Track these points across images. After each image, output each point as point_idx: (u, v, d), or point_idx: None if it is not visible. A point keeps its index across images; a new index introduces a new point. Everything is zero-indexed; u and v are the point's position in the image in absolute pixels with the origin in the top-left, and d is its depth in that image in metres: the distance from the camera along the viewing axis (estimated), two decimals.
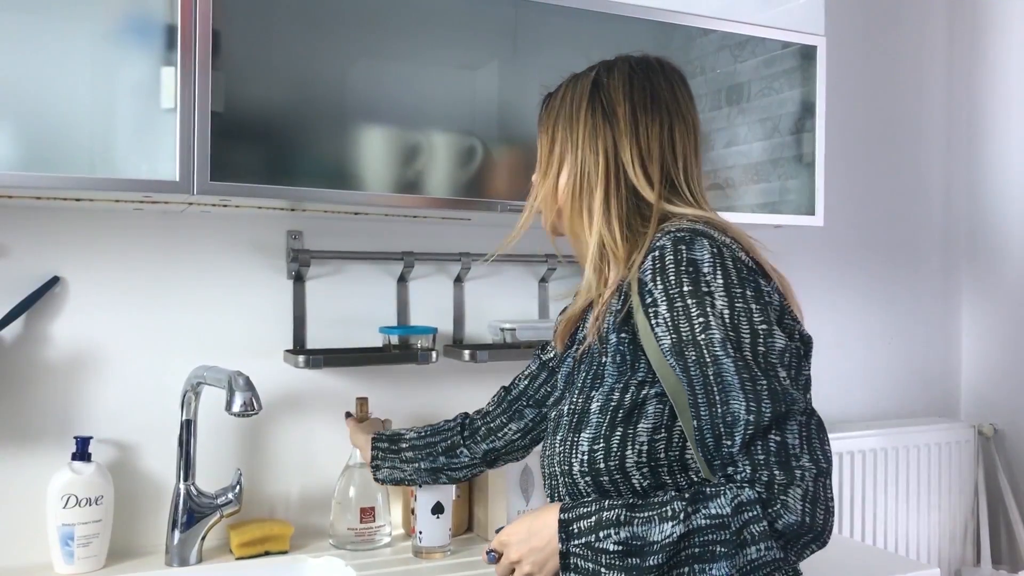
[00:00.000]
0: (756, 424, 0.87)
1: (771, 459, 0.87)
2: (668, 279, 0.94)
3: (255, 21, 1.38)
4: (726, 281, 0.93)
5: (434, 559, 1.54)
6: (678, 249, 0.94)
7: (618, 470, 0.96)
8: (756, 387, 0.88)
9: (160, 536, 1.52)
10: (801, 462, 0.87)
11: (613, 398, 0.98)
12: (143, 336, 1.56)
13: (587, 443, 0.98)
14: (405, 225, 1.75)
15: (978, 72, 2.47)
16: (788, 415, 0.88)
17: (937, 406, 2.49)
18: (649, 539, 0.89)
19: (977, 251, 2.48)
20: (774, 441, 0.87)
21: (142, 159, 1.30)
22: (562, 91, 1.14)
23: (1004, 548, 2.38)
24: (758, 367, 0.89)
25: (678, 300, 0.93)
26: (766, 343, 0.91)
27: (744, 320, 0.91)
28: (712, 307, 0.91)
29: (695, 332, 0.91)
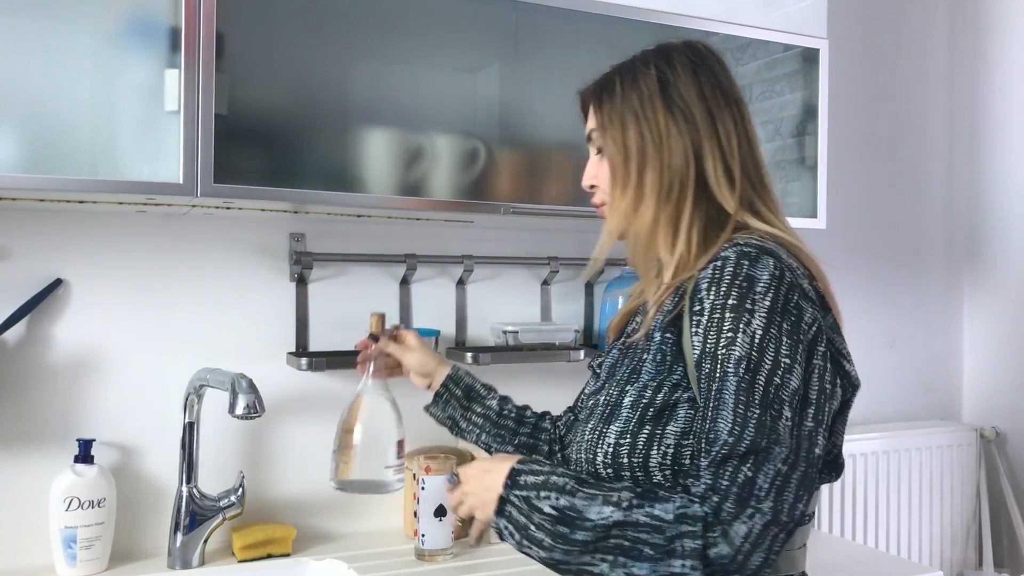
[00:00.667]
0: (731, 448, 0.86)
1: (732, 488, 0.86)
2: (720, 290, 0.93)
3: (259, 23, 1.38)
4: (772, 305, 0.91)
5: (436, 561, 1.54)
6: (740, 263, 0.93)
7: (640, 468, 0.95)
8: (747, 413, 0.87)
9: (162, 539, 1.52)
10: (760, 505, 0.86)
11: (645, 395, 0.97)
12: (146, 338, 1.56)
13: (614, 436, 0.97)
14: (408, 227, 1.75)
15: (980, 75, 2.48)
16: (768, 455, 0.86)
17: (939, 409, 2.49)
18: (585, 515, 0.90)
19: (979, 254, 2.48)
20: (744, 475, 0.86)
21: (145, 161, 1.30)
22: (621, 91, 1.06)
23: (1006, 551, 2.37)
24: (760, 396, 0.88)
25: (718, 311, 0.92)
26: (782, 378, 0.89)
27: (771, 348, 0.90)
28: (747, 325, 0.90)
29: (718, 345, 0.91)
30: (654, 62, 1.05)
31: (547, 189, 1.60)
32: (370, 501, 1.72)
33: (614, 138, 1.05)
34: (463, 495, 1.04)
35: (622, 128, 1.04)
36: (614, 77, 1.07)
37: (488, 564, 1.54)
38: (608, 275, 1.93)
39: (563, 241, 1.91)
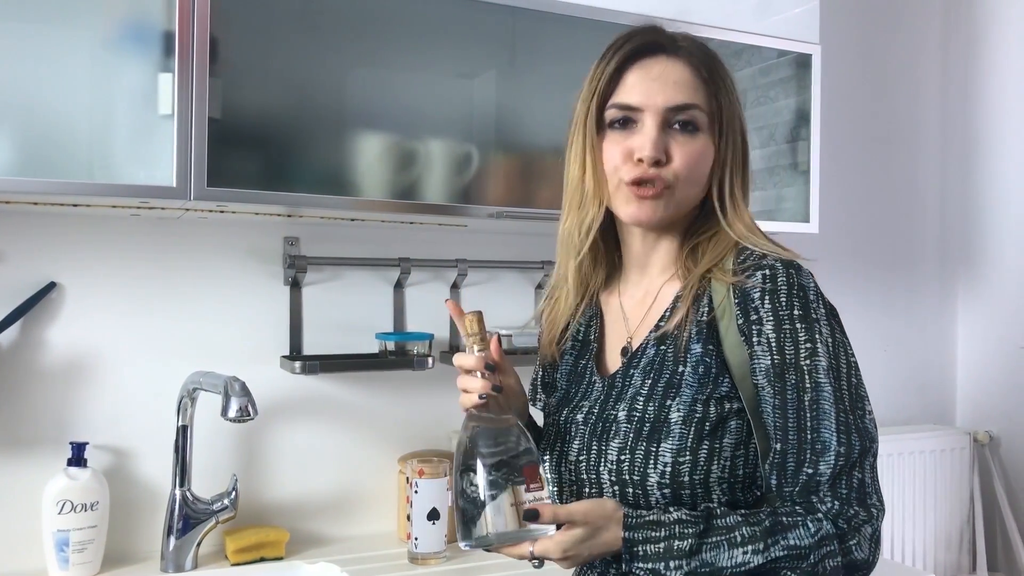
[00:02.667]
0: (847, 457, 0.89)
1: (852, 495, 0.89)
2: (779, 300, 0.93)
3: (253, 28, 1.38)
4: (826, 312, 0.95)
5: (429, 565, 1.54)
6: (789, 273, 0.94)
7: (702, 484, 0.93)
8: (848, 420, 0.90)
9: (156, 542, 1.52)
10: (873, 500, 0.91)
11: (697, 410, 0.94)
12: (140, 342, 1.56)
13: (670, 455, 0.93)
14: (402, 231, 1.75)
15: (973, 80, 2.49)
16: (869, 453, 0.91)
17: (933, 413, 2.50)
18: (718, 564, 0.88)
19: (972, 258, 2.49)
20: (856, 478, 0.90)
21: (139, 165, 1.31)
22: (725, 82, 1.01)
23: (1000, 555, 2.38)
24: (851, 400, 0.92)
25: (787, 323, 0.92)
26: (857, 377, 0.94)
27: (843, 352, 0.93)
28: (820, 334, 0.92)
29: (800, 356, 0.91)
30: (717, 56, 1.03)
31: (540, 193, 1.60)
32: (363, 504, 1.73)
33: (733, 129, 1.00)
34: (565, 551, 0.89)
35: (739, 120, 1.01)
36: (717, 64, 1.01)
37: (481, 568, 1.54)
38: None
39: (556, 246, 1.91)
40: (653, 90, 0.97)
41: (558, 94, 1.63)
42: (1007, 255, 2.40)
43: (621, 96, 0.98)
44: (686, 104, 0.97)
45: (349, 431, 1.72)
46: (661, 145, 0.96)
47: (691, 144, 0.97)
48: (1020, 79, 2.38)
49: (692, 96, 0.97)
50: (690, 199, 1.00)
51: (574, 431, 1.01)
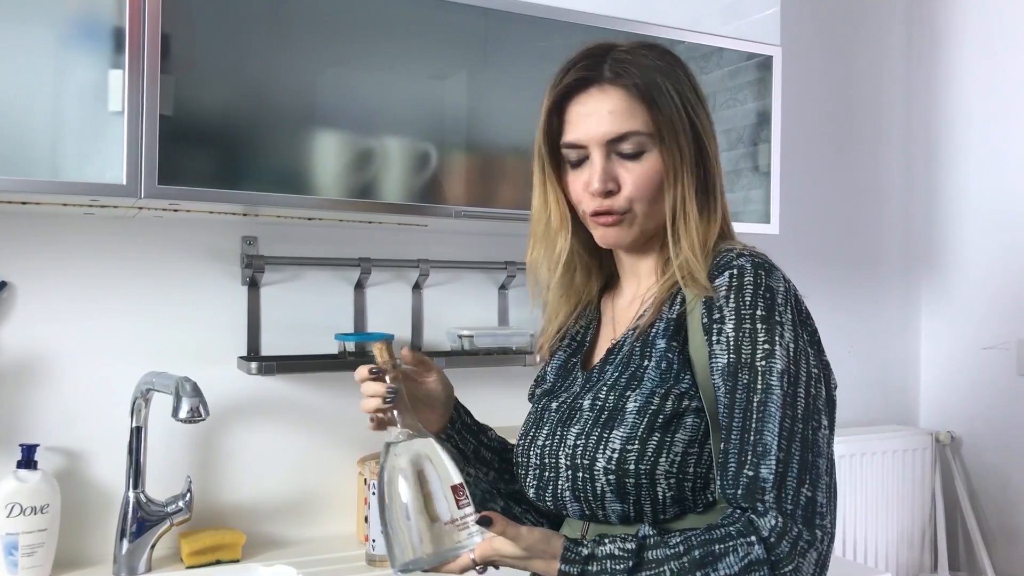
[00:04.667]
0: (786, 464, 0.86)
1: (798, 512, 0.86)
2: (743, 299, 0.92)
3: (207, 25, 1.37)
4: (794, 317, 0.92)
5: (387, 567, 1.52)
6: (758, 273, 0.93)
7: (647, 475, 0.92)
8: (794, 428, 0.88)
9: (108, 545, 1.50)
10: (824, 522, 0.87)
11: (653, 402, 0.94)
12: (93, 342, 1.54)
13: (620, 441, 0.93)
14: (362, 231, 1.74)
15: (935, 81, 2.51)
16: (817, 469, 0.87)
17: (897, 413, 2.52)
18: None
19: (936, 260, 2.51)
20: (804, 495, 0.86)
21: (89, 162, 1.29)
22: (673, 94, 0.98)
23: (961, 554, 2.40)
24: (804, 409, 0.89)
25: (747, 322, 0.91)
26: (816, 388, 0.91)
27: (804, 360, 0.91)
28: (781, 337, 0.90)
29: (756, 357, 0.90)
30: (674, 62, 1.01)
31: (501, 193, 1.60)
32: (322, 505, 1.71)
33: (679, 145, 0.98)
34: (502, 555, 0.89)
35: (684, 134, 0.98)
36: (654, 74, 0.99)
37: None
38: None
39: (520, 246, 1.88)
40: (590, 125, 0.99)
41: (529, 95, 1.63)
42: (970, 257, 2.43)
43: (567, 135, 1.01)
44: (622, 134, 0.98)
45: (308, 432, 1.71)
46: (607, 177, 0.98)
47: (638, 168, 0.99)
48: (982, 81, 2.40)
49: (627, 123, 0.98)
50: (656, 213, 1.00)
51: (546, 418, 1.04)
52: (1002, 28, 2.35)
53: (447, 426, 1.11)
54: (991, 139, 2.38)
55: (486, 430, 1.16)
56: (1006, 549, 2.31)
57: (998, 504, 2.34)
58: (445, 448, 0.95)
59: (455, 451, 1.10)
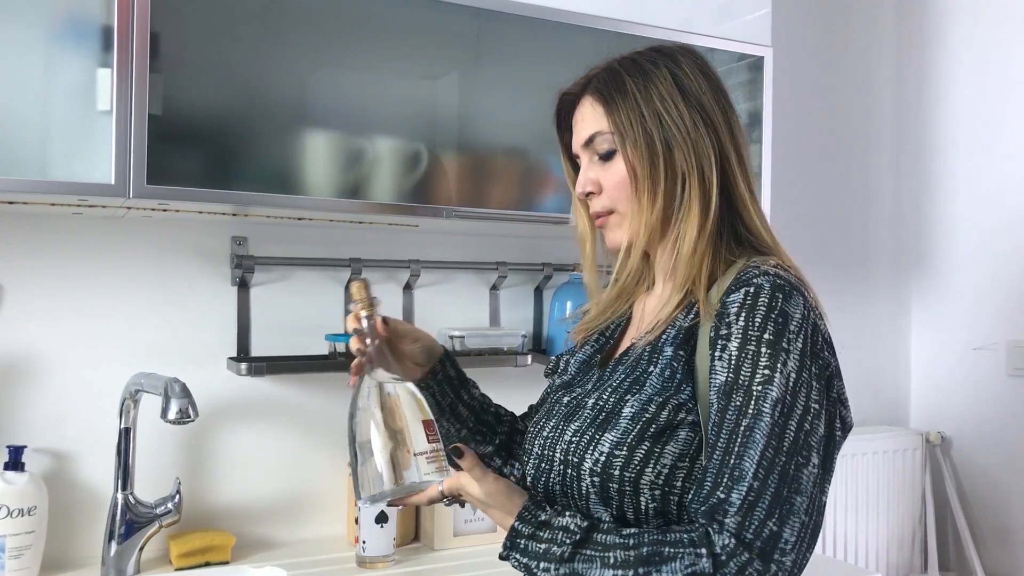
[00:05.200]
0: (759, 494, 0.84)
1: (756, 543, 0.83)
2: (754, 320, 0.89)
3: (196, 24, 1.36)
4: (804, 348, 0.89)
5: (377, 569, 1.52)
6: (775, 296, 0.89)
7: (631, 483, 0.91)
8: (776, 459, 0.85)
9: (96, 547, 1.49)
10: (783, 559, 0.83)
11: (649, 410, 0.93)
12: (82, 343, 1.53)
13: (608, 445, 0.92)
14: (353, 231, 1.74)
15: (926, 83, 2.52)
16: (791, 506, 0.84)
17: (887, 414, 2.52)
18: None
19: (926, 260, 2.52)
20: (769, 529, 0.83)
21: (77, 162, 1.28)
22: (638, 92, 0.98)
23: (951, 555, 2.41)
24: (790, 443, 0.86)
25: (752, 343, 0.88)
26: (811, 424, 0.87)
27: (803, 392, 0.87)
28: (784, 365, 0.87)
29: (753, 380, 0.87)
30: (664, 63, 0.99)
31: (492, 193, 1.60)
32: (312, 507, 1.71)
33: (636, 141, 0.97)
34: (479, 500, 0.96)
35: (644, 130, 0.96)
36: (622, 75, 0.99)
37: (429, 571, 1.53)
38: (556, 281, 1.94)
39: (512, 246, 1.91)
40: (576, 135, 1.05)
41: (521, 95, 1.64)
42: (960, 258, 2.43)
43: None
44: (589, 136, 1.01)
45: (298, 433, 1.70)
46: (585, 180, 1.03)
47: (609, 169, 1.01)
48: (972, 83, 2.41)
49: (593, 125, 1.01)
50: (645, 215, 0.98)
51: (556, 410, 1.04)
52: (991, 30, 2.36)
53: (428, 376, 1.13)
54: (981, 141, 2.39)
55: (469, 386, 1.17)
56: (996, 549, 2.32)
57: (988, 504, 2.35)
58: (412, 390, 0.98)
59: (432, 402, 1.11)
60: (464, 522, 1.64)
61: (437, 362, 1.14)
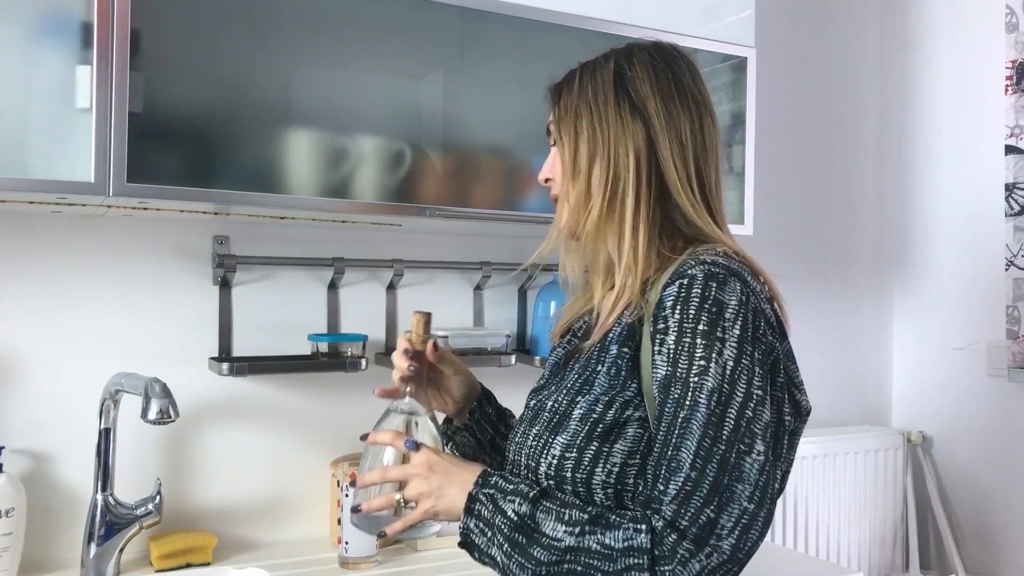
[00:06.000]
0: (696, 484, 0.84)
1: (691, 529, 0.84)
2: (688, 312, 0.89)
3: (177, 21, 1.35)
4: (742, 334, 0.88)
5: (360, 569, 1.52)
6: (708, 285, 0.89)
7: (583, 484, 0.92)
8: (712, 448, 0.85)
9: (76, 549, 1.47)
10: (720, 543, 0.84)
11: (596, 410, 0.94)
12: (61, 343, 1.52)
13: (559, 448, 0.94)
14: (336, 231, 1.73)
15: (909, 84, 2.54)
16: (732, 494, 0.85)
17: (869, 414, 2.54)
18: (541, 528, 0.88)
19: (908, 261, 2.54)
20: (706, 516, 0.84)
21: (57, 160, 1.27)
22: (579, 84, 1.03)
23: (932, 553, 2.42)
24: (729, 431, 0.86)
25: (688, 335, 0.89)
26: (754, 411, 0.87)
27: (744, 379, 0.87)
28: (719, 355, 0.87)
29: (690, 372, 0.88)
30: (615, 57, 1.03)
31: (476, 193, 1.59)
32: (294, 508, 1.70)
33: (567, 130, 1.02)
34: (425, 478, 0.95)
35: (575, 120, 1.01)
36: (576, 71, 1.05)
37: (412, 572, 1.53)
38: (540, 281, 1.94)
39: (496, 246, 1.91)
40: None
41: (505, 94, 1.63)
42: (942, 258, 2.45)
43: None
44: (547, 126, 1.08)
45: (280, 434, 1.69)
46: (546, 167, 1.09)
47: (557, 157, 1.06)
48: (953, 84, 2.43)
49: (547, 117, 1.08)
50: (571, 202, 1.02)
51: (525, 416, 1.06)
52: (972, 33, 2.38)
53: (468, 416, 1.17)
54: (963, 142, 2.41)
55: (507, 417, 1.20)
56: (976, 547, 2.34)
57: (968, 503, 2.36)
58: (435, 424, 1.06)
59: (472, 440, 1.17)
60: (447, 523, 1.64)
61: (475, 401, 1.17)
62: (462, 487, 0.94)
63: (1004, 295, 2.26)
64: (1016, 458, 2.25)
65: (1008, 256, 2.25)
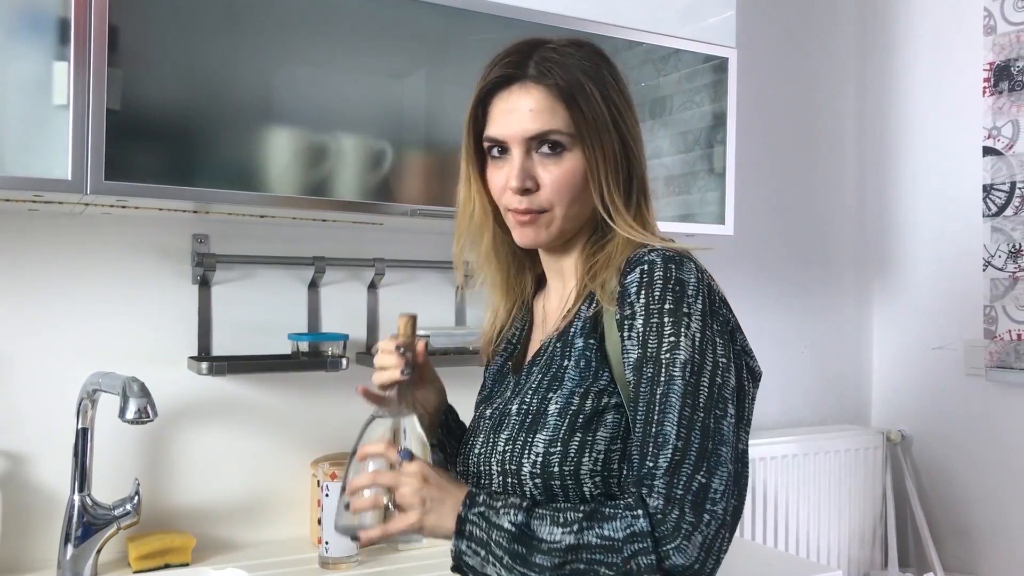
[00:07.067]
0: (684, 452, 0.87)
1: (687, 497, 0.86)
2: (653, 294, 0.92)
3: (156, 18, 1.34)
4: (704, 307, 0.93)
5: (340, 570, 1.51)
6: (668, 267, 0.93)
7: (571, 476, 0.93)
8: (694, 416, 0.89)
9: (52, 550, 1.46)
10: (715, 508, 0.87)
11: (573, 403, 0.96)
12: (37, 342, 1.50)
13: (543, 445, 0.95)
14: (316, 230, 1.72)
15: (889, 86, 2.55)
16: (718, 457, 0.88)
17: (849, 412, 2.55)
18: (538, 535, 0.88)
19: (888, 261, 2.56)
20: (698, 482, 0.87)
21: (33, 157, 1.25)
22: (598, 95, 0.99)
23: (911, 551, 2.44)
24: (707, 398, 0.90)
25: (655, 316, 0.92)
26: (723, 377, 0.91)
27: (711, 349, 0.91)
28: (687, 328, 0.91)
29: (661, 350, 0.91)
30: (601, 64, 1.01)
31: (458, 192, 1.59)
32: (274, 508, 1.69)
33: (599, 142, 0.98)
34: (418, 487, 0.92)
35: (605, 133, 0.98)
36: (575, 73, 0.99)
37: (392, 572, 1.52)
38: None
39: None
40: (512, 122, 0.99)
41: None
42: (920, 259, 2.47)
43: (489, 129, 1.02)
44: (542, 131, 0.98)
45: (260, 434, 1.68)
46: (525, 175, 0.98)
47: (557, 167, 0.99)
48: (933, 85, 2.45)
49: (549, 121, 0.98)
50: (576, 215, 1.01)
51: (482, 425, 1.05)
52: (951, 35, 2.40)
53: (439, 431, 1.16)
54: (940, 144, 2.43)
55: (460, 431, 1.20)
56: (954, 545, 2.36)
57: (946, 501, 2.38)
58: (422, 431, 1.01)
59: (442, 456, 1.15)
60: None
61: (443, 415, 1.16)
62: (453, 507, 0.92)
63: (982, 295, 2.28)
64: (993, 457, 2.27)
65: (986, 256, 2.27)
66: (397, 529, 0.92)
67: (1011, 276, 2.22)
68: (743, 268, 2.35)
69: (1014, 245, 2.21)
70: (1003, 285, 2.23)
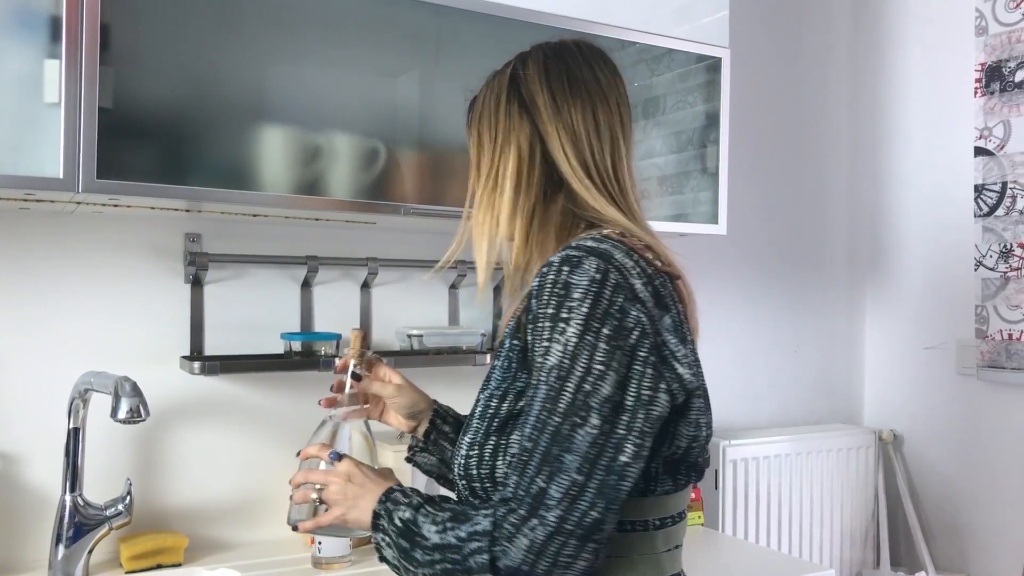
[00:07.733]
0: (529, 454, 0.87)
1: (526, 499, 0.86)
2: (542, 298, 0.91)
3: (149, 15, 1.33)
4: (590, 311, 0.89)
5: (333, 570, 1.51)
6: (561, 269, 0.91)
7: (489, 478, 0.95)
8: (548, 420, 0.87)
9: (43, 551, 1.45)
10: (547, 514, 0.85)
11: (491, 405, 0.98)
12: (29, 341, 1.50)
13: (465, 448, 0.98)
14: (309, 229, 1.72)
15: (881, 86, 2.56)
16: (560, 464, 0.86)
17: (841, 412, 2.56)
18: (421, 532, 0.92)
19: (880, 261, 2.56)
20: (537, 486, 0.86)
21: (24, 155, 1.24)
22: (483, 92, 1.09)
23: (903, 550, 2.45)
24: (565, 404, 0.87)
25: (540, 320, 0.91)
26: (592, 385, 0.87)
27: (584, 355, 0.88)
28: (561, 334, 0.89)
29: (537, 354, 0.91)
30: (514, 61, 1.08)
31: (451, 191, 1.59)
32: (267, 508, 1.68)
33: (472, 135, 1.09)
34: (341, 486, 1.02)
35: (477, 126, 1.08)
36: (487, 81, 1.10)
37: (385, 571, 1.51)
38: None
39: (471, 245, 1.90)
40: None
41: None
42: (912, 258, 2.48)
43: None
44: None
45: (253, 433, 1.68)
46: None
47: None
48: (926, 85, 2.46)
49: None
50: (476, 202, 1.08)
51: None
52: (943, 35, 2.41)
53: (424, 437, 1.21)
54: (932, 144, 2.43)
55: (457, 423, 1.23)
56: (945, 544, 2.37)
57: (938, 500, 2.39)
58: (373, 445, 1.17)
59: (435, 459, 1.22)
60: None
61: (430, 423, 1.21)
62: (371, 503, 0.99)
63: (973, 295, 2.29)
64: (985, 456, 2.28)
65: (977, 256, 2.28)
66: (326, 522, 1.03)
67: (1002, 276, 2.22)
68: (736, 267, 2.36)
69: (1005, 245, 2.22)
70: (994, 285, 2.24)
